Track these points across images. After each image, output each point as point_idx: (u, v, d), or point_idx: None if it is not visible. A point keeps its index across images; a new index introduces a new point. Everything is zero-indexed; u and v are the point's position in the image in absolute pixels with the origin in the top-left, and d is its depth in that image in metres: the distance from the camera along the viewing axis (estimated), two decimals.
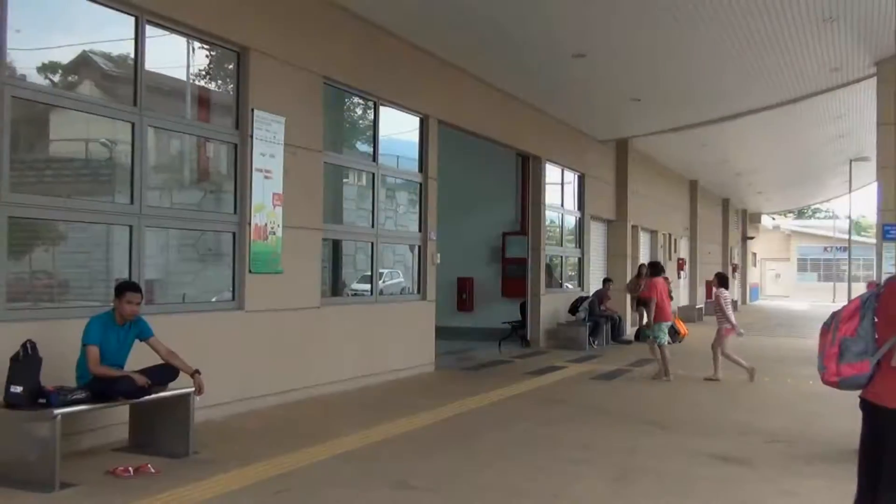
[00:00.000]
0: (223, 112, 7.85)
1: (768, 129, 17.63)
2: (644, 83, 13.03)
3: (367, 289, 10.18)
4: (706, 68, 12.10)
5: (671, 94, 13.94)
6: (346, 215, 10.92)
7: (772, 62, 11.76)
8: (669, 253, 23.63)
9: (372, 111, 10.02)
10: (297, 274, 8.34)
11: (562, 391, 9.53)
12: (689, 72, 12.33)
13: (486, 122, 12.58)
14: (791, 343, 16.72)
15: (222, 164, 8.07)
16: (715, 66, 11.99)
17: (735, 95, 13.89)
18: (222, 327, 7.42)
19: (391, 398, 8.76)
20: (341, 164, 9.91)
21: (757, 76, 12.56)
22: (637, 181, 19.53)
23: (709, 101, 14.39)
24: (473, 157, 15.80)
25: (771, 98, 14.11)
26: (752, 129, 17.45)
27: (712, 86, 13.23)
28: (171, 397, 5.80)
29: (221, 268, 7.94)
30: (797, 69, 12.20)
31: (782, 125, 17.08)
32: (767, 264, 49.58)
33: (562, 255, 16.24)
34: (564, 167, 16.00)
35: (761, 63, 11.81)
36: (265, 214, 7.85)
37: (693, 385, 10.24)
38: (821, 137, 19.00)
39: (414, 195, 11.32)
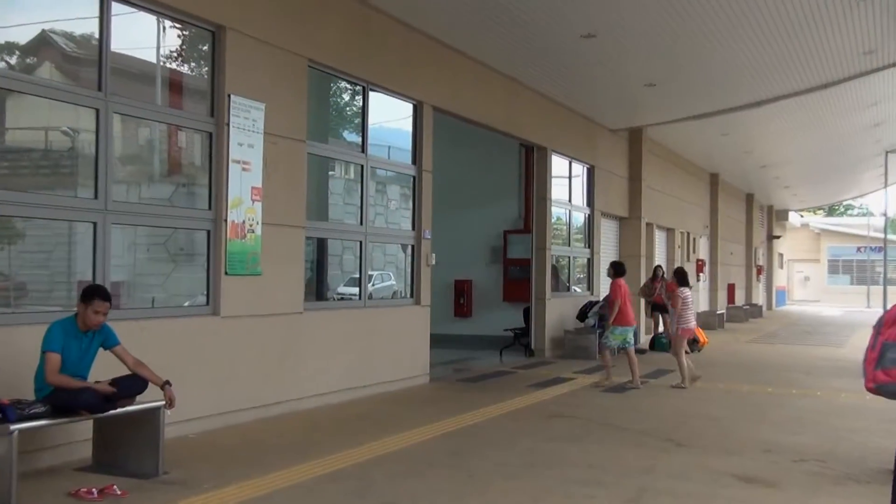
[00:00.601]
0: (197, 98, 7.85)
1: (796, 118, 17.67)
2: (660, 66, 13.06)
3: (355, 293, 10.18)
4: (728, 50, 12.12)
5: (689, 79, 13.96)
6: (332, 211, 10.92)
7: (799, 44, 11.80)
8: (688, 253, 23.67)
9: (361, 97, 10.02)
10: (279, 276, 8.34)
11: (569, 405, 9.54)
12: (709, 54, 12.35)
13: (486, 109, 12.59)
14: (821, 352, 16.76)
15: (196, 154, 8.07)
16: (737, 48, 12.02)
17: (759, 80, 13.92)
18: (196, 334, 7.42)
19: (382, 412, 8.76)
20: (327, 155, 9.91)
21: (783, 59, 12.59)
22: (652, 174, 19.57)
23: (731, 86, 14.42)
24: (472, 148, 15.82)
25: (798, 83, 14.15)
26: (778, 118, 17.49)
27: (734, 70, 13.25)
28: (138, 411, 5.79)
29: (194, 269, 7.93)
30: (827, 52, 12.24)
31: (811, 113, 17.12)
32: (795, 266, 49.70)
33: (569, 255, 16.27)
34: (572, 159, 16.02)
35: (788, 45, 11.84)
36: (243, 210, 7.85)
37: (713, 398, 10.26)
38: (853, 126, 19.05)
39: (407, 189, 11.32)
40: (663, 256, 21.82)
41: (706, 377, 12.17)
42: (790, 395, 10.66)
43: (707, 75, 13.69)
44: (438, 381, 11.13)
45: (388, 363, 10.15)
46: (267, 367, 8.19)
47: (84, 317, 5.58)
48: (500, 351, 14.43)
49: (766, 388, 11.11)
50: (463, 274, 16.26)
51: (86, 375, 5.65)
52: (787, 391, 10.90)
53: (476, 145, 15.56)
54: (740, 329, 23.39)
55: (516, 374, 12.23)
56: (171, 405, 5.78)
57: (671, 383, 11.36)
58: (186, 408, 6.61)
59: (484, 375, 11.90)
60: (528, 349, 14.55)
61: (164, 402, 5.78)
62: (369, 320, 9.92)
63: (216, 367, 7.58)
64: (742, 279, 31.70)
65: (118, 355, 5.77)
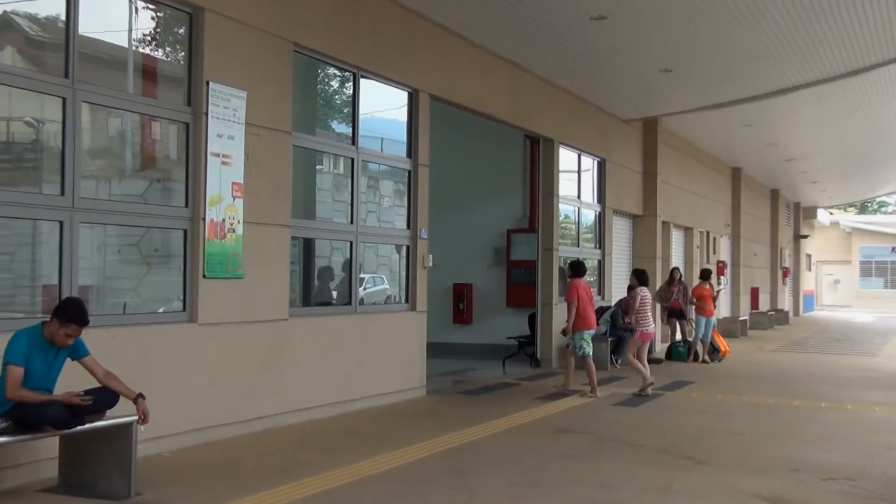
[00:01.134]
0: (172, 85, 7.85)
1: (825, 107, 17.68)
2: (676, 50, 13.06)
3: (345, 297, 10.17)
4: (750, 33, 12.13)
5: (708, 64, 13.97)
6: (319, 209, 10.92)
7: (828, 26, 11.80)
8: (707, 254, 23.69)
9: (351, 84, 10.02)
10: (262, 279, 8.33)
11: (579, 419, 9.54)
12: (730, 37, 12.36)
13: (488, 97, 12.60)
14: (853, 362, 16.77)
15: (171, 147, 8.06)
16: (761, 31, 12.02)
17: (785, 66, 13.92)
18: (171, 343, 7.41)
19: (374, 428, 8.75)
20: (314, 147, 9.91)
21: (811, 42, 12.59)
22: (668, 169, 19.58)
23: (754, 72, 14.42)
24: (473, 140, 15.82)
25: (828, 69, 14.15)
26: (805, 107, 17.49)
27: (758, 54, 13.26)
28: (109, 427, 5.78)
29: (170, 272, 7.93)
30: (858, 35, 12.24)
31: (842, 102, 17.13)
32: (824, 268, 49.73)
33: (578, 256, 16.25)
34: (581, 152, 16.03)
35: (816, 27, 11.84)
36: (222, 208, 7.85)
37: (735, 412, 10.26)
38: (888, 116, 19.05)
39: (401, 185, 11.32)
40: (681, 258, 21.83)
41: (727, 389, 12.17)
42: (819, 408, 10.66)
43: (728, 60, 13.70)
44: (436, 394, 11.12)
45: (381, 374, 10.15)
46: (249, 379, 8.18)
47: (54, 333, 5.58)
48: (503, 361, 14.42)
49: (793, 401, 11.11)
50: (462, 277, 16.25)
51: (52, 389, 5.64)
52: (815, 404, 10.90)
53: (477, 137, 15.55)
54: (765, 337, 23.40)
55: (521, 385, 12.22)
56: (145, 420, 5.77)
57: (633, 391, 11.49)
58: (161, 423, 6.60)
59: (486, 387, 11.89)
60: (533, 359, 14.54)
61: (137, 416, 5.77)
62: (361, 328, 9.91)
63: (194, 379, 7.57)
64: (766, 282, 31.73)
65: (87, 367, 5.77)
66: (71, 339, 5.61)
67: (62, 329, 5.56)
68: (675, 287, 17.06)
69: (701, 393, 11.87)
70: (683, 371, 14.41)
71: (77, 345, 5.73)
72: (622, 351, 14.96)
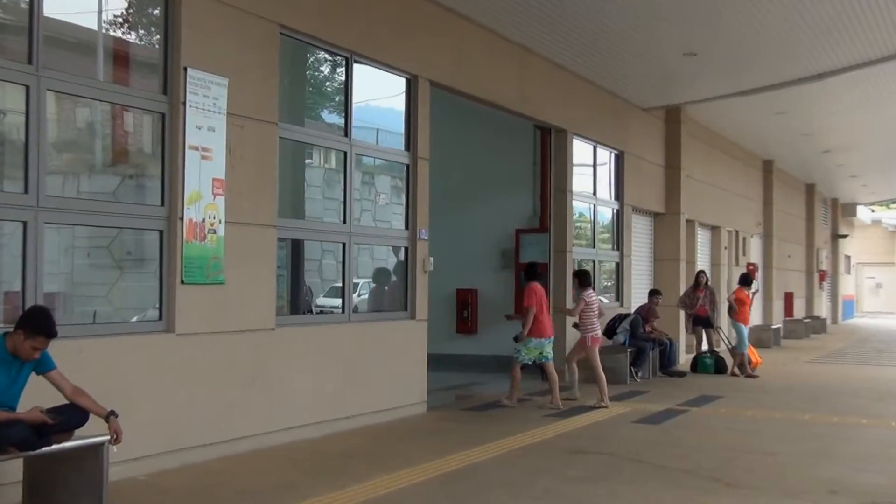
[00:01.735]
0: (147, 72, 7.85)
1: (865, 93, 17.65)
2: (702, 32, 13.05)
3: (337, 304, 10.17)
4: (783, 11, 12.12)
5: (737, 47, 13.96)
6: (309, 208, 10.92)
7: (867, 3, 11.78)
8: (736, 256, 23.67)
9: (343, 70, 10.03)
10: (246, 285, 8.33)
11: (595, 438, 9.53)
12: (761, 16, 12.35)
13: (494, 84, 12.60)
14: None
15: (145, 140, 8.07)
16: (794, 9, 12.01)
17: (821, 47, 13.90)
18: (146, 356, 7.41)
19: (370, 448, 8.75)
20: (303, 139, 9.91)
21: (850, 22, 12.57)
22: (693, 162, 19.56)
23: (787, 55, 14.41)
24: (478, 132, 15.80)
25: (869, 51, 14.13)
26: (843, 93, 17.47)
27: (791, 35, 13.25)
28: (78, 448, 5.78)
29: (144, 277, 7.92)
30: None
31: (884, 87, 17.10)
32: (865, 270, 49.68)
33: (594, 258, 16.26)
34: (597, 144, 16.03)
35: (854, 4, 11.82)
36: (202, 207, 7.85)
37: (768, 430, 10.24)
38: None
39: (399, 181, 11.32)
40: (707, 260, 21.81)
41: (758, 404, 12.15)
42: (859, 425, 10.65)
43: (758, 42, 13.68)
44: (438, 411, 11.12)
45: (377, 389, 10.14)
46: (232, 395, 8.18)
47: (18, 346, 5.58)
48: None
49: (831, 418, 11.09)
50: (467, 282, 16.23)
51: (15, 406, 5.65)
52: (855, 421, 10.88)
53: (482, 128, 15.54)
54: (800, 346, 23.37)
55: (531, 401, 12.22)
56: (117, 440, 5.77)
57: (590, 403, 11.67)
58: (135, 443, 6.60)
59: (492, 403, 11.88)
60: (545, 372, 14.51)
61: (109, 436, 5.76)
62: (355, 338, 9.91)
63: (171, 395, 7.57)
64: (801, 287, 31.68)
65: (54, 381, 5.76)
66: (37, 352, 5.61)
67: (28, 341, 5.55)
68: (701, 292, 17.04)
69: (729, 408, 11.85)
70: (711, 385, 14.39)
71: (43, 358, 5.73)
72: (643, 363, 14.97)
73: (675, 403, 12.16)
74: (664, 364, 15.81)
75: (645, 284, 18.04)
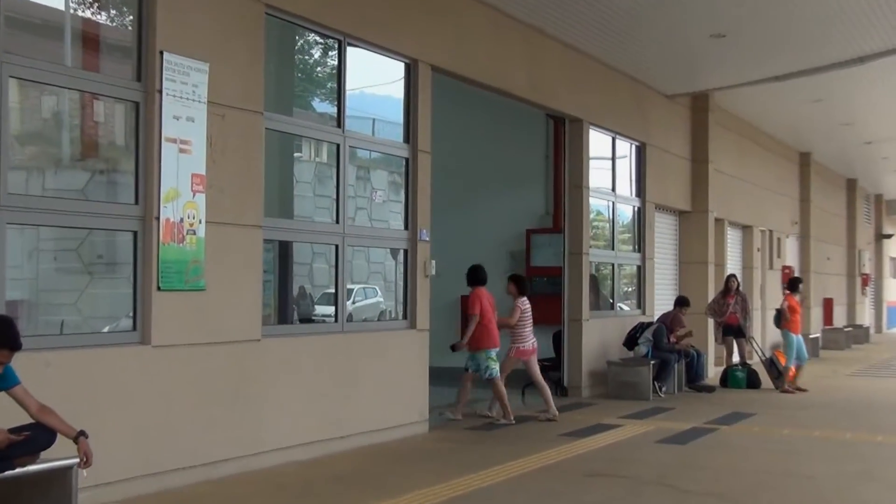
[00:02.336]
0: (119, 56, 7.85)
1: None
2: (731, 11, 13.04)
3: (329, 313, 10.17)
4: None
5: (770, 27, 13.94)
6: (298, 206, 10.93)
7: None
8: (770, 258, 23.65)
9: (336, 54, 10.03)
10: (229, 292, 8.33)
11: (614, 460, 9.52)
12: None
13: (502, 69, 12.59)
14: None
15: (118, 131, 8.07)
16: None
17: (862, 28, 13.88)
18: (119, 370, 7.41)
19: (366, 472, 8.74)
20: (292, 131, 9.91)
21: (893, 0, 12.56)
22: (722, 154, 19.55)
23: (825, 36, 14.39)
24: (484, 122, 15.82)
25: None
26: (887, 78, 17.44)
27: (830, 14, 13.23)
28: (44, 471, 5.77)
29: (117, 283, 7.92)
30: None
31: None
32: None
33: (613, 261, 16.25)
34: (616, 134, 16.02)
35: None
36: (180, 205, 7.85)
37: (805, 450, 10.22)
38: None
39: (398, 176, 11.31)
40: (738, 262, 21.80)
41: (795, 421, 12.13)
42: None
43: (793, 22, 13.67)
44: (441, 430, 11.12)
45: (373, 406, 10.13)
46: (214, 413, 8.17)
47: None
48: (521, 389, 14.39)
49: (875, 437, 11.07)
50: None
51: None
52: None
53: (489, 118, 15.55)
54: (840, 358, 23.34)
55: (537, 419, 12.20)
56: (87, 463, 5.76)
57: (498, 419, 11.80)
58: (107, 466, 6.59)
59: (501, 421, 11.87)
60: (559, 386, 14.52)
61: (78, 458, 5.76)
62: (349, 349, 9.90)
63: (146, 413, 7.56)
64: (842, 292, 31.63)
65: (18, 399, 5.76)
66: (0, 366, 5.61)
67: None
68: (732, 298, 17.02)
69: (763, 427, 11.84)
70: (743, 401, 14.37)
71: (6, 372, 5.72)
72: (667, 377, 14.94)
73: (703, 421, 12.14)
74: (691, 378, 15.78)
75: (669, 290, 18.03)
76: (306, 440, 9.18)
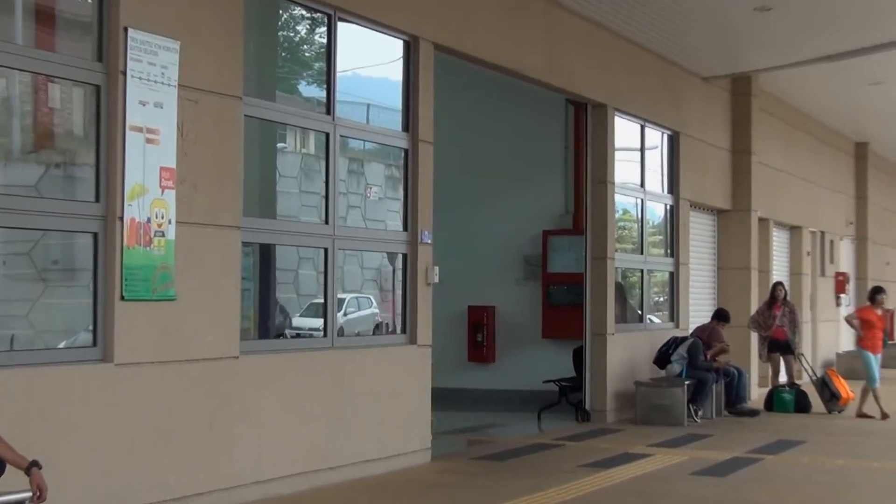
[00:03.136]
0: (77, 33, 7.85)
1: None
2: None
3: (317, 326, 10.17)
4: None
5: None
6: (282, 204, 10.92)
7: None
8: (822, 263, 23.62)
9: (326, 31, 10.03)
10: (202, 302, 8.33)
11: (643, 494, 9.51)
12: None
13: (514, 47, 12.59)
14: None
15: (76, 119, 8.07)
16: None
17: None
18: (77, 391, 7.40)
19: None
20: (275, 118, 9.89)
21: None
22: (767, 145, 19.53)
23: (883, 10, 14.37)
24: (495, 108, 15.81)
25: None
26: None
27: None
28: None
29: (75, 292, 7.92)
30: None
31: None
32: None
33: (642, 267, 16.24)
34: (645, 122, 16.02)
35: None
36: (147, 203, 7.85)
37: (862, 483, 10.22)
38: None
39: (396, 170, 11.32)
40: (785, 269, 21.77)
41: (850, 450, 12.10)
42: None
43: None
44: (445, 460, 11.11)
45: (368, 433, 10.13)
46: (185, 441, 8.17)
47: None
48: (537, 413, 14.40)
49: None
50: (481, 297, 16.24)
51: None
52: None
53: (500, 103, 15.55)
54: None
55: (563, 447, 12.21)
56: (41, 497, 5.76)
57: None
58: (64, 501, 6.58)
59: (514, 450, 11.88)
60: (580, 410, 14.51)
61: (31, 492, 5.76)
62: (340, 368, 9.90)
63: (108, 441, 7.55)
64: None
65: None
66: None
67: None
68: (779, 309, 16.97)
69: (814, 456, 11.82)
70: (789, 426, 14.35)
71: None
72: (704, 399, 14.89)
73: (745, 450, 12.12)
74: (731, 401, 15.75)
75: (706, 300, 18.02)
76: (290, 472, 9.17)
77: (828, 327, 24.26)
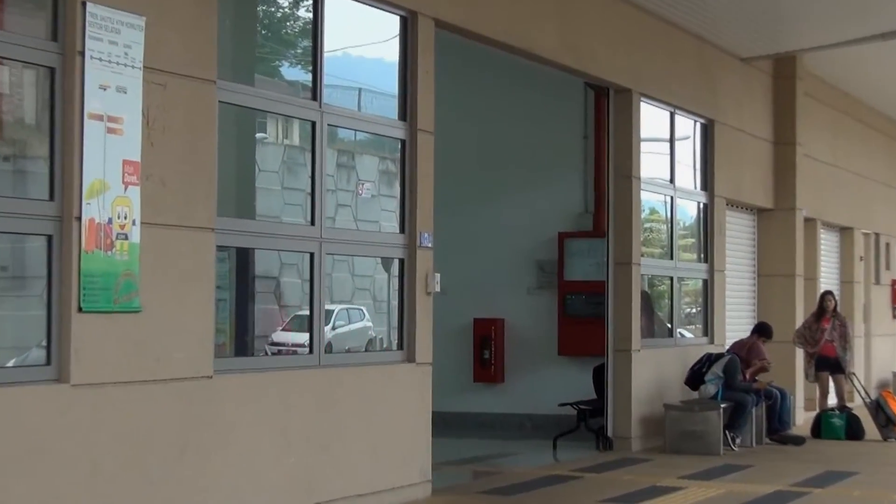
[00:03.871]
0: (28, 8, 7.86)
1: None
2: None
3: (302, 341, 10.17)
4: None
5: None
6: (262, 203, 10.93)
7: None
8: (876, 270, 23.60)
9: (312, 5, 10.03)
10: (172, 314, 8.32)
11: None
12: None
13: (527, 24, 12.60)
14: None
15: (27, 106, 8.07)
16: None
17: None
18: (28, 416, 7.39)
19: None
20: (253, 105, 9.89)
21: None
22: (814, 135, 19.53)
23: None
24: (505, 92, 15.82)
25: None
26: None
27: None
28: None
29: (25, 303, 7.92)
30: None
31: None
32: None
33: (672, 274, 16.24)
34: (676, 109, 16.02)
35: None
36: (108, 201, 7.85)
37: None
38: None
39: (391, 163, 11.32)
40: (834, 276, 21.75)
41: None
42: None
43: None
44: (448, 493, 11.13)
45: (359, 463, 10.12)
46: (153, 471, 8.16)
47: None
48: (553, 441, 14.39)
49: None
50: (489, 309, 16.24)
51: None
52: None
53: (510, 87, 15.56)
54: None
55: (582, 480, 12.23)
56: None
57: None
58: None
59: (526, 483, 11.88)
60: (602, 437, 14.50)
61: None
62: (327, 389, 9.90)
63: (65, 472, 7.54)
64: None
65: None
66: None
67: None
68: (828, 322, 16.95)
69: (867, 490, 11.81)
70: (839, 455, 14.35)
71: None
72: (742, 424, 14.88)
73: (790, 483, 12.12)
74: (773, 426, 15.76)
75: (745, 312, 18.02)
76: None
77: (883, 342, 24.25)
